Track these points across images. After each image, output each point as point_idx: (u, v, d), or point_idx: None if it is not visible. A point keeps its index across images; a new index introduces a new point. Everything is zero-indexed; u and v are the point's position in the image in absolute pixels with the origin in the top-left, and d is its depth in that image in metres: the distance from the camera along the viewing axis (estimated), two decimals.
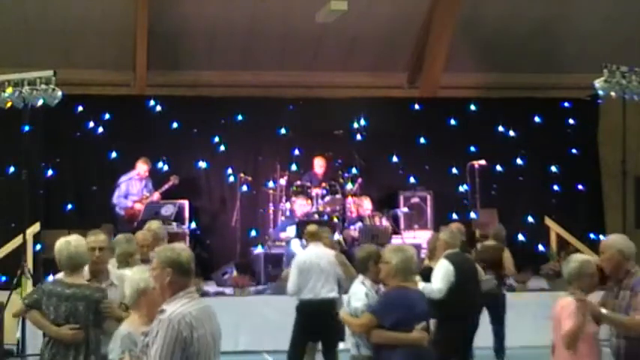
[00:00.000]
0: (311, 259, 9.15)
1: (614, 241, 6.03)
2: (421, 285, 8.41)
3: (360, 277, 6.88)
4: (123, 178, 13.70)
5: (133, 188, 13.67)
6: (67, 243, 6.08)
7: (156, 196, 13.68)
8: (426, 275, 8.66)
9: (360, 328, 6.31)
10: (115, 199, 13.66)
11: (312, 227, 9.75)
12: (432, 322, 8.39)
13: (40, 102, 11.31)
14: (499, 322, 10.62)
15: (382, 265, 6.31)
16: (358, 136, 15.12)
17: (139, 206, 13.46)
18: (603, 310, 5.79)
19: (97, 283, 6.23)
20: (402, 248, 6.30)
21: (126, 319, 5.81)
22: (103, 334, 5.98)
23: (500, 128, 15.75)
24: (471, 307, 8.66)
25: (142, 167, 13.78)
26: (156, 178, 14.03)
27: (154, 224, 9.25)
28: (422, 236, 14.10)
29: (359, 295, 6.64)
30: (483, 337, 10.59)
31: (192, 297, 4.63)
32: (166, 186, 13.80)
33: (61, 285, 6.05)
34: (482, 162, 14.68)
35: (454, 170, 15.24)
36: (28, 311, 6.15)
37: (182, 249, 4.72)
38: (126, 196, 13.61)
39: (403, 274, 6.11)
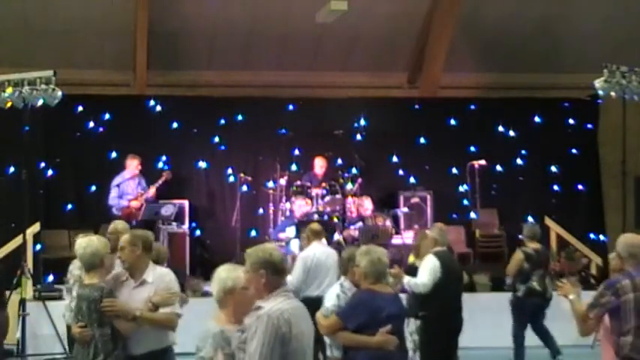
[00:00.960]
0: (318, 256, 9.24)
1: (617, 242, 6.28)
2: (406, 279, 8.48)
3: (342, 279, 6.89)
4: (117, 180, 13.66)
5: (127, 188, 13.62)
6: (79, 244, 6.23)
7: (151, 191, 13.64)
8: (412, 274, 8.68)
9: (326, 330, 6.29)
10: (110, 201, 13.62)
11: (315, 225, 9.85)
12: (417, 323, 8.43)
13: (40, 102, 11.31)
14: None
15: (355, 268, 6.30)
16: (358, 136, 15.12)
17: (135, 204, 13.42)
18: (571, 296, 6.23)
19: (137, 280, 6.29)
20: (370, 250, 6.20)
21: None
22: (106, 333, 6.03)
23: (501, 128, 15.74)
24: (453, 307, 8.63)
25: (132, 163, 13.71)
26: (155, 178, 14.00)
27: (119, 225, 8.66)
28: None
29: (331, 295, 6.65)
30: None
31: (288, 296, 4.68)
32: (160, 182, 13.74)
33: (79, 285, 6.27)
34: (483, 162, 14.68)
35: (454, 170, 15.23)
36: None
37: (272, 249, 4.75)
38: (121, 197, 13.58)
39: (372, 276, 6.06)
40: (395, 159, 15.31)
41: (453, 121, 15.61)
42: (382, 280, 6.13)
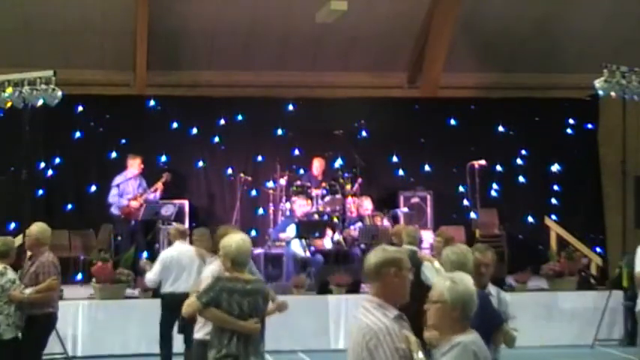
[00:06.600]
0: (177, 255, 9.65)
1: None
2: None
3: None
4: (118, 179, 13.67)
5: (128, 187, 13.63)
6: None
7: (151, 194, 13.65)
8: None
9: None
10: (110, 199, 13.63)
11: (181, 226, 10.61)
12: None
13: (40, 102, 11.30)
14: None
15: None
16: (358, 136, 15.13)
17: (134, 204, 13.44)
18: None
19: None
20: (450, 249, 5.98)
21: None
22: None
23: (501, 128, 15.76)
24: None
25: (134, 163, 13.73)
26: (155, 178, 13.99)
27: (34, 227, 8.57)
28: (422, 236, 14.09)
29: None
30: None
31: None
32: (159, 182, 13.77)
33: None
34: (483, 162, 14.67)
35: (454, 170, 15.24)
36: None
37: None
38: (121, 195, 13.58)
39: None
40: (395, 159, 15.32)
41: (453, 121, 15.62)
42: None
